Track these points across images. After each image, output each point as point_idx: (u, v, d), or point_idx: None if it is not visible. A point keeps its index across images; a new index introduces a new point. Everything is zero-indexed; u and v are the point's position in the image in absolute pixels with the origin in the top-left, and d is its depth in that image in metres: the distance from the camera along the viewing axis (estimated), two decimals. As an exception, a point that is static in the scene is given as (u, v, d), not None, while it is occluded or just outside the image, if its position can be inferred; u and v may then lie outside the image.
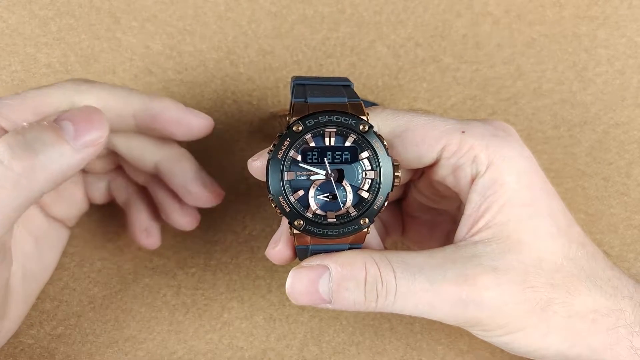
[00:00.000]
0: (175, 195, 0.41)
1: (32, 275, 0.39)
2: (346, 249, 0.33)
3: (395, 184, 0.32)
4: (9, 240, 0.35)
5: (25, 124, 0.31)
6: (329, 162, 0.32)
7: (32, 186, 0.30)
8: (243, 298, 0.44)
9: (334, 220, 0.32)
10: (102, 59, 0.48)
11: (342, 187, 0.32)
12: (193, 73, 0.48)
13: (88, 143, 0.32)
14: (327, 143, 0.32)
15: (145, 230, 0.42)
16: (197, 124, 0.39)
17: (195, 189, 0.40)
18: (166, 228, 0.45)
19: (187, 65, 0.48)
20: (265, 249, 0.35)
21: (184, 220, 0.42)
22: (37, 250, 0.40)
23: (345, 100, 0.33)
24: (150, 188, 0.42)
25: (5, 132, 0.33)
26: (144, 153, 0.39)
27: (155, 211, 0.43)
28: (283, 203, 0.31)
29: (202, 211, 0.44)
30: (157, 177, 0.41)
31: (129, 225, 0.43)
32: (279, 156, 0.31)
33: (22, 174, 0.30)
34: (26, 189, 0.30)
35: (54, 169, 0.31)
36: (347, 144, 0.32)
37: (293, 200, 0.32)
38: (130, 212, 0.43)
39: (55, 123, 0.32)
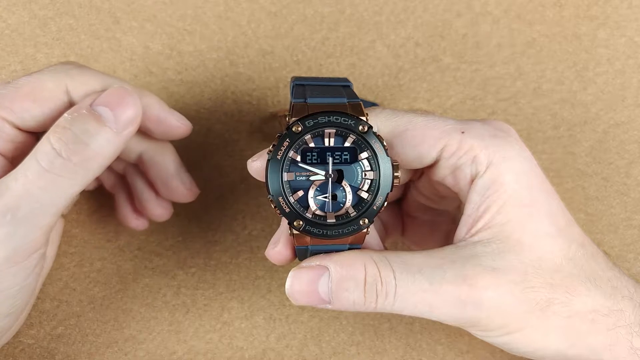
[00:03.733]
0: (151, 186, 0.42)
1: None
2: (346, 250, 0.33)
3: (394, 184, 0.32)
4: (50, 233, 0.35)
5: (67, 115, 0.33)
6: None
7: (87, 174, 0.34)
8: (243, 298, 0.44)
9: (334, 220, 0.32)
10: (102, 59, 0.48)
11: (341, 188, 0.32)
12: (193, 73, 0.48)
13: (127, 124, 0.34)
14: (326, 143, 0.32)
15: (133, 212, 0.43)
16: (177, 126, 0.39)
17: (173, 183, 0.41)
18: (167, 229, 0.45)
19: (187, 65, 0.48)
20: (265, 249, 0.35)
21: (158, 211, 0.42)
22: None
23: (345, 100, 0.33)
24: (128, 176, 0.43)
25: (8, 122, 0.34)
26: (130, 142, 0.39)
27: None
28: (282, 204, 0.31)
29: (202, 211, 0.44)
30: (136, 166, 0.42)
31: (117, 208, 0.43)
32: (279, 157, 0.31)
33: (79, 164, 0.33)
34: (82, 177, 0.33)
35: (104, 155, 0.34)
36: (347, 144, 0.32)
37: (292, 200, 0.32)
38: (118, 195, 0.43)
39: (92, 109, 0.34)
